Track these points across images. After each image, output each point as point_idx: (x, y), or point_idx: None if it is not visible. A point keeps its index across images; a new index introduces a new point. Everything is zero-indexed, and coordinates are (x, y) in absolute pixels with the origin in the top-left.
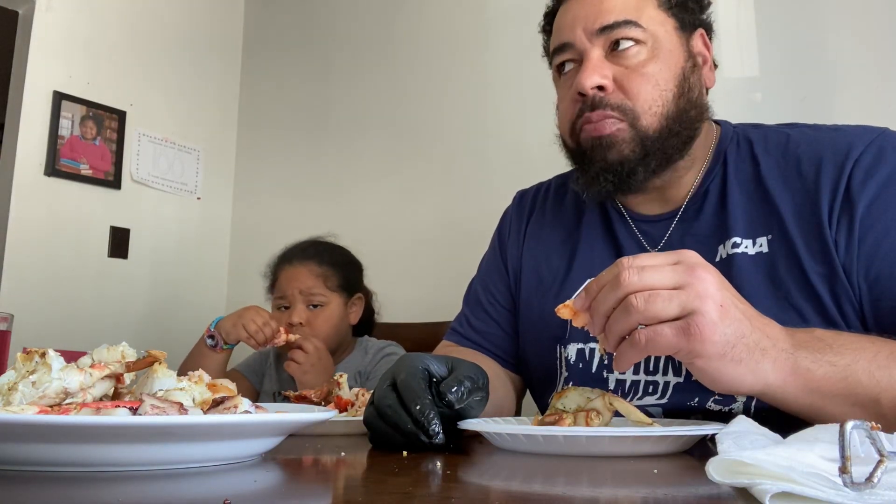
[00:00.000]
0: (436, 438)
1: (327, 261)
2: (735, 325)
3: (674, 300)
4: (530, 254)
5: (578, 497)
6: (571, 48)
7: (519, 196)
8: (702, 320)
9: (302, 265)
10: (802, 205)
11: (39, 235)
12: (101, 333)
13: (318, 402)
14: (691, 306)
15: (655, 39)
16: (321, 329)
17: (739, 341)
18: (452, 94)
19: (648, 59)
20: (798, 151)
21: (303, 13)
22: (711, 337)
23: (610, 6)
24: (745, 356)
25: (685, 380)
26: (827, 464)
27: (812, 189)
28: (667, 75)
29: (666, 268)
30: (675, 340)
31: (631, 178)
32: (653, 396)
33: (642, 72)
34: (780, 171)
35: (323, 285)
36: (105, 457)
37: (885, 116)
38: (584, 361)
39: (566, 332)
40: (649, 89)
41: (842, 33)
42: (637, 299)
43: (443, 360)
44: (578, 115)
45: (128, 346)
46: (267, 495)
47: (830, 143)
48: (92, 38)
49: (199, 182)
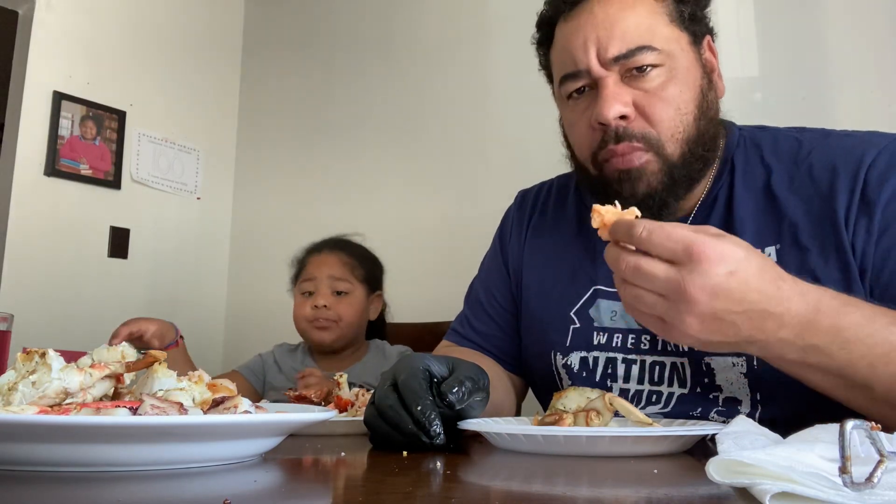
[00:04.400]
0: (437, 439)
1: (356, 253)
2: (719, 333)
3: (657, 307)
4: (531, 259)
5: (578, 497)
6: (585, 74)
7: (521, 196)
8: (678, 331)
9: (332, 253)
10: (817, 212)
11: (39, 235)
12: (101, 333)
13: (318, 402)
14: (670, 318)
15: (672, 59)
16: (345, 313)
17: (722, 339)
18: (453, 93)
19: (667, 81)
20: (810, 158)
21: (303, 13)
22: (686, 339)
23: (623, 30)
24: (724, 348)
25: (689, 391)
26: (827, 464)
27: (827, 195)
28: (686, 97)
29: (659, 274)
30: (656, 331)
31: (663, 210)
32: (656, 406)
33: (662, 95)
34: (792, 179)
35: (350, 274)
36: (105, 457)
37: (885, 116)
38: (587, 370)
39: (567, 339)
40: (671, 114)
41: (842, 33)
42: (626, 291)
43: (443, 360)
44: (601, 146)
45: (128, 346)
46: (267, 495)
47: (843, 149)
48: (92, 38)
49: (199, 182)
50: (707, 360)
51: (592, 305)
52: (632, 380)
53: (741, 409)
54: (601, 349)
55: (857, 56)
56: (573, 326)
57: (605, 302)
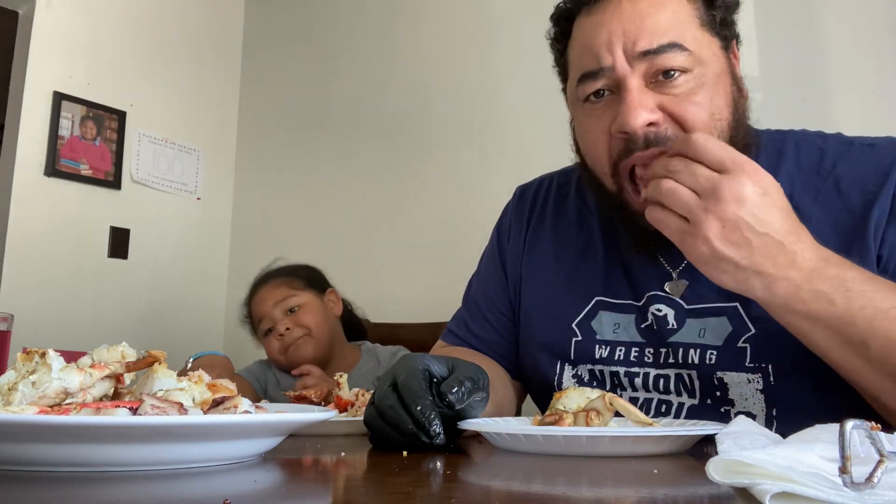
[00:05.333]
0: (437, 439)
1: (284, 271)
2: (733, 246)
3: (689, 203)
4: (530, 265)
5: (578, 497)
6: (608, 73)
7: (520, 192)
8: (697, 231)
9: (264, 287)
10: (844, 225)
11: (39, 235)
12: (101, 333)
13: (318, 402)
14: (695, 217)
15: (702, 65)
16: (308, 322)
17: (732, 256)
18: (452, 94)
19: (697, 87)
20: (836, 170)
21: (303, 13)
22: (701, 247)
23: (654, 24)
24: (732, 271)
25: (700, 403)
26: (827, 464)
27: (857, 211)
28: (720, 103)
29: (703, 171)
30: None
31: None
32: (668, 416)
33: (694, 100)
34: (818, 192)
35: (290, 288)
36: (105, 457)
37: (885, 117)
38: (597, 381)
39: (571, 352)
40: (705, 119)
41: (842, 34)
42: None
43: (443, 360)
44: (623, 155)
45: (128, 346)
46: (267, 495)
47: (869, 162)
48: (92, 38)
49: (199, 182)
50: (720, 374)
51: (595, 318)
52: (639, 389)
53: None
54: (604, 363)
55: (858, 56)
56: (575, 339)
57: (607, 314)
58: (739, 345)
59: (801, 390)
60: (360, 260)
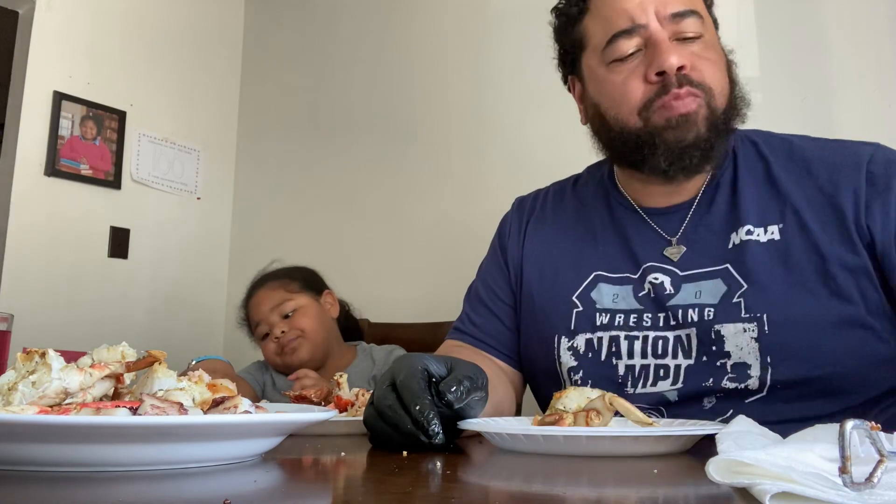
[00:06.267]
0: (435, 438)
1: (280, 274)
2: None
3: None
4: (532, 248)
5: (578, 497)
6: (641, 31)
7: (518, 202)
8: None
9: (261, 290)
10: (817, 200)
11: (39, 235)
12: (101, 333)
13: (318, 402)
14: None
15: (709, 33)
16: (304, 324)
17: None
18: (452, 94)
19: (707, 49)
20: (805, 155)
21: (303, 13)
22: None
23: None
24: None
25: (696, 362)
26: (827, 464)
27: (829, 189)
28: (721, 65)
29: None
30: None
31: (711, 152)
32: (666, 381)
33: (708, 57)
34: (789, 172)
35: (286, 291)
36: (105, 457)
37: (885, 117)
38: (593, 351)
39: (571, 322)
40: (717, 73)
41: (842, 34)
42: None
43: (442, 360)
44: (658, 95)
45: (128, 346)
46: (267, 495)
47: (837, 151)
48: (92, 38)
49: (199, 182)
50: (717, 327)
51: (594, 289)
52: (636, 355)
53: (751, 372)
54: (604, 329)
55: (858, 57)
56: (576, 310)
57: (606, 286)
58: (734, 300)
59: (794, 339)
60: (359, 260)
